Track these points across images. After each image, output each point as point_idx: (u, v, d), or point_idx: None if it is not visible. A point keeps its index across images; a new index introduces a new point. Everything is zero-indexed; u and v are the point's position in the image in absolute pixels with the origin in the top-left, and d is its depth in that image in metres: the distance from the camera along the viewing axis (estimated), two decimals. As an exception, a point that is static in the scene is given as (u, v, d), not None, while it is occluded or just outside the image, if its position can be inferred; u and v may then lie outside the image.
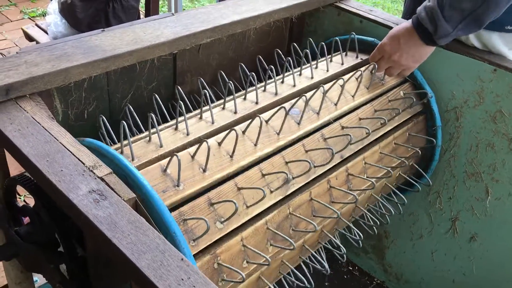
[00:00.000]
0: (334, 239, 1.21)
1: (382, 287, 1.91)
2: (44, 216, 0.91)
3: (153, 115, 0.99)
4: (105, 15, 2.46)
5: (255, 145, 1.08)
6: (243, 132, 1.09)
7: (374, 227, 1.36)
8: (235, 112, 1.15)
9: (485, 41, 1.34)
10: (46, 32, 2.74)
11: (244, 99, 1.21)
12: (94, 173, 0.80)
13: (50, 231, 0.92)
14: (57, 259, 0.95)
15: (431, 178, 1.56)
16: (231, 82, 1.17)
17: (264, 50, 1.54)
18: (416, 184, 1.46)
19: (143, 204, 0.82)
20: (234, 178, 1.03)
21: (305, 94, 1.18)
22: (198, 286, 0.64)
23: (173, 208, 0.92)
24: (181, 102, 1.08)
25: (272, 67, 1.25)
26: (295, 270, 1.12)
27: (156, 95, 1.18)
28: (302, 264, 1.18)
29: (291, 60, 1.31)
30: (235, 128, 1.03)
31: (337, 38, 1.42)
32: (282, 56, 1.40)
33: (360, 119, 1.29)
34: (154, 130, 1.03)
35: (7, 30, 3.77)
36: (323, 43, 1.39)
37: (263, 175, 1.06)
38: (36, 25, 2.87)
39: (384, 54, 1.33)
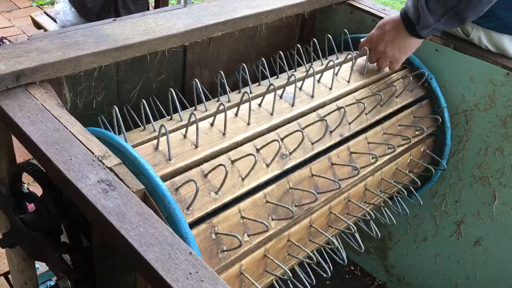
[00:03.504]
0: (346, 220, 1.20)
1: (384, 288, 1.90)
2: (50, 205, 0.90)
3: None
4: (114, 5, 2.45)
5: (248, 124, 1.09)
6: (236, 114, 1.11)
7: (377, 230, 1.34)
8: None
9: (498, 44, 1.32)
10: (54, 20, 2.73)
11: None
12: (103, 163, 0.79)
13: (55, 220, 0.91)
14: (62, 248, 0.94)
15: (438, 182, 1.55)
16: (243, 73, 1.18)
17: (275, 45, 1.53)
18: (431, 167, 1.45)
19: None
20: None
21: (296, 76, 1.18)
22: (206, 280, 0.64)
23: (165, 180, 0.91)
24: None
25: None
26: (304, 249, 1.09)
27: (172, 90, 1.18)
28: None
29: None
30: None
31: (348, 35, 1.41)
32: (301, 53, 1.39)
33: (357, 100, 1.29)
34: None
35: (15, 17, 3.76)
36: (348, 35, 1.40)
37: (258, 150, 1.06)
38: (45, 13, 2.87)
39: (371, 44, 1.34)
